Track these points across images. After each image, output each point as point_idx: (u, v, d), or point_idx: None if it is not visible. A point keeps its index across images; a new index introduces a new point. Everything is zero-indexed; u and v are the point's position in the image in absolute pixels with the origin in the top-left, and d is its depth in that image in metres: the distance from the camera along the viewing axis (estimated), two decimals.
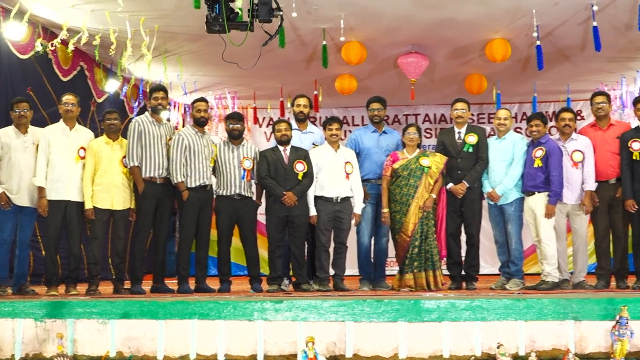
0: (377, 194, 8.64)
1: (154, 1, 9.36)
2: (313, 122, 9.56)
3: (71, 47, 9.81)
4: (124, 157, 8.15)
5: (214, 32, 7.09)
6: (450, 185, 8.52)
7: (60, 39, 9.73)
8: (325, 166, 8.49)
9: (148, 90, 9.17)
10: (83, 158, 8.05)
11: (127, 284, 8.41)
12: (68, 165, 7.98)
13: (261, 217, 8.77)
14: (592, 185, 8.20)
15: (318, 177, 8.50)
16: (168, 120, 10.15)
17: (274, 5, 6.93)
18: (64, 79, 10.52)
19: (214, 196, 8.54)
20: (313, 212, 8.47)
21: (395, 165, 8.38)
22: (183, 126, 12.88)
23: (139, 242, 8.35)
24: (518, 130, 13.58)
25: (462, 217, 8.65)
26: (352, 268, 9.49)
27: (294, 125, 8.88)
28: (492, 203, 8.56)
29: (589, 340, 5.84)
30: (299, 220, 8.39)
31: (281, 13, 7.03)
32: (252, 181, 8.52)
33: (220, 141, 8.91)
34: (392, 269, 10.94)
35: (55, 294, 7.72)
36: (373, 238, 8.85)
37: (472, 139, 8.55)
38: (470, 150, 8.54)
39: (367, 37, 10.66)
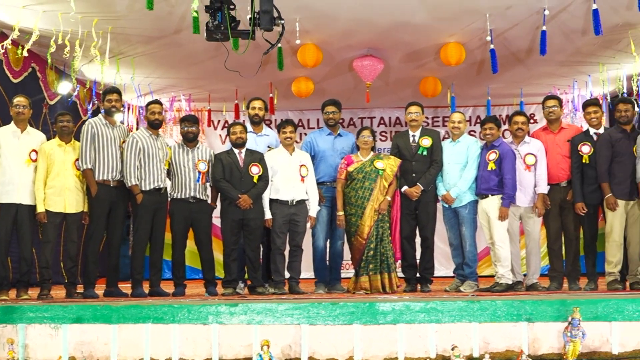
0: (332, 196, 8.66)
1: (107, 3, 9.23)
2: (268, 125, 9.53)
3: (25, 53, 9.62)
4: (77, 159, 8.04)
5: (215, 40, 7.03)
6: (404, 188, 8.57)
7: (11, 40, 9.56)
8: (280, 169, 8.49)
9: (101, 92, 9.05)
10: (35, 161, 7.92)
11: (80, 288, 8.29)
12: (19, 168, 7.84)
13: (216, 220, 8.70)
14: (544, 188, 8.29)
15: (273, 180, 8.48)
16: (122, 122, 10.05)
17: (276, 14, 6.88)
18: (15, 81, 10.28)
19: (169, 199, 8.48)
20: (268, 215, 8.45)
21: (350, 168, 8.40)
22: (137, 128, 12.76)
23: (92, 245, 8.23)
24: (472, 133, 13.68)
25: (416, 219, 8.71)
26: (307, 271, 9.48)
27: (249, 128, 8.85)
28: (446, 206, 8.62)
29: (542, 342, 5.90)
30: (254, 224, 8.36)
31: (283, 21, 6.98)
32: (207, 184, 8.49)
33: (174, 144, 8.85)
34: (347, 271, 10.96)
35: (6, 298, 7.59)
36: (328, 241, 8.87)
37: (427, 142, 8.62)
38: (425, 153, 8.60)
39: (323, 40, 10.65)
